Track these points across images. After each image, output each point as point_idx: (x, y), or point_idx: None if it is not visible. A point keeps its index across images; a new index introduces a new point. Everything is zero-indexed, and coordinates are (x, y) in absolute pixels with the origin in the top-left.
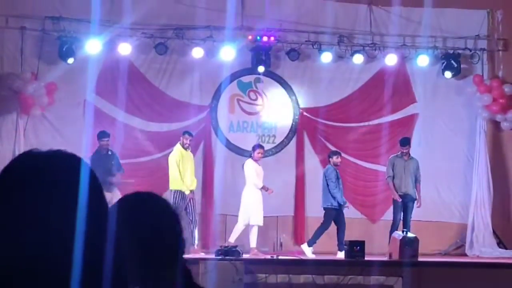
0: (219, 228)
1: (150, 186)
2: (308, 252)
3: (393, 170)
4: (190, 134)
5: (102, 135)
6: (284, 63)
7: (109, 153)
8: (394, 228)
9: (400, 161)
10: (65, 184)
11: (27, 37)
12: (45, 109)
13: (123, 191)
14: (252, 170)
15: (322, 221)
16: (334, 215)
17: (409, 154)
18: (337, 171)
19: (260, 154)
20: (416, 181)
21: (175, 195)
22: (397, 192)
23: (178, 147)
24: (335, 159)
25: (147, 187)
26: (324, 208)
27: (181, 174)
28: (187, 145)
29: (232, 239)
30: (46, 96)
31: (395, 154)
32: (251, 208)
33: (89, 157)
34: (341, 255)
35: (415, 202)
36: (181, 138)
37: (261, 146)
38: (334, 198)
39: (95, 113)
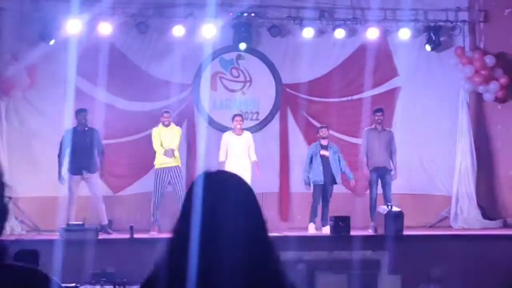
0: None
1: (134, 166)
2: (311, 229)
3: (367, 143)
4: (166, 112)
5: (76, 111)
6: (266, 40)
7: (85, 129)
8: (372, 202)
9: (374, 133)
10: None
11: (5, 18)
12: (26, 91)
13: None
14: (222, 143)
15: None
16: (318, 190)
17: (382, 124)
18: (321, 146)
19: (237, 123)
20: (392, 153)
21: (156, 172)
22: (370, 166)
23: (159, 125)
24: (319, 133)
25: (131, 166)
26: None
27: (160, 146)
28: (167, 122)
29: None
30: (27, 77)
31: (368, 127)
32: None
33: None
34: (325, 230)
35: (391, 174)
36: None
37: (237, 115)
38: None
39: (76, 94)
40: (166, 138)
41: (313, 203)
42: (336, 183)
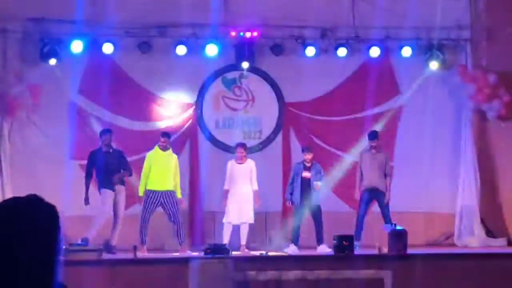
0: (208, 226)
1: (134, 186)
2: (291, 250)
3: (361, 164)
4: (163, 135)
5: (100, 132)
6: (268, 58)
7: (110, 151)
8: (358, 221)
9: (368, 154)
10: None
11: (9, 39)
12: (30, 111)
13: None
14: (227, 172)
15: None
16: (296, 211)
17: (378, 147)
18: (304, 167)
19: (239, 153)
20: (386, 175)
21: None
22: (362, 187)
23: (155, 148)
24: (303, 155)
25: (132, 186)
26: None
27: (147, 174)
28: (162, 146)
29: (226, 241)
30: (30, 98)
31: (364, 149)
32: (242, 206)
33: (74, 156)
34: (320, 249)
35: (385, 195)
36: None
37: (240, 145)
38: (290, 194)
39: (80, 114)
40: (160, 163)
41: (293, 224)
42: (316, 203)
